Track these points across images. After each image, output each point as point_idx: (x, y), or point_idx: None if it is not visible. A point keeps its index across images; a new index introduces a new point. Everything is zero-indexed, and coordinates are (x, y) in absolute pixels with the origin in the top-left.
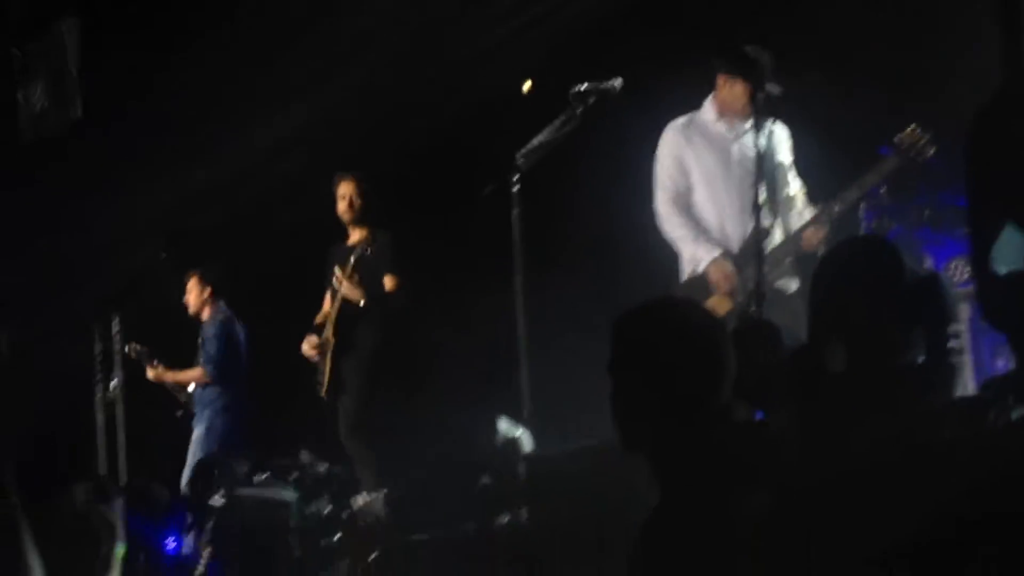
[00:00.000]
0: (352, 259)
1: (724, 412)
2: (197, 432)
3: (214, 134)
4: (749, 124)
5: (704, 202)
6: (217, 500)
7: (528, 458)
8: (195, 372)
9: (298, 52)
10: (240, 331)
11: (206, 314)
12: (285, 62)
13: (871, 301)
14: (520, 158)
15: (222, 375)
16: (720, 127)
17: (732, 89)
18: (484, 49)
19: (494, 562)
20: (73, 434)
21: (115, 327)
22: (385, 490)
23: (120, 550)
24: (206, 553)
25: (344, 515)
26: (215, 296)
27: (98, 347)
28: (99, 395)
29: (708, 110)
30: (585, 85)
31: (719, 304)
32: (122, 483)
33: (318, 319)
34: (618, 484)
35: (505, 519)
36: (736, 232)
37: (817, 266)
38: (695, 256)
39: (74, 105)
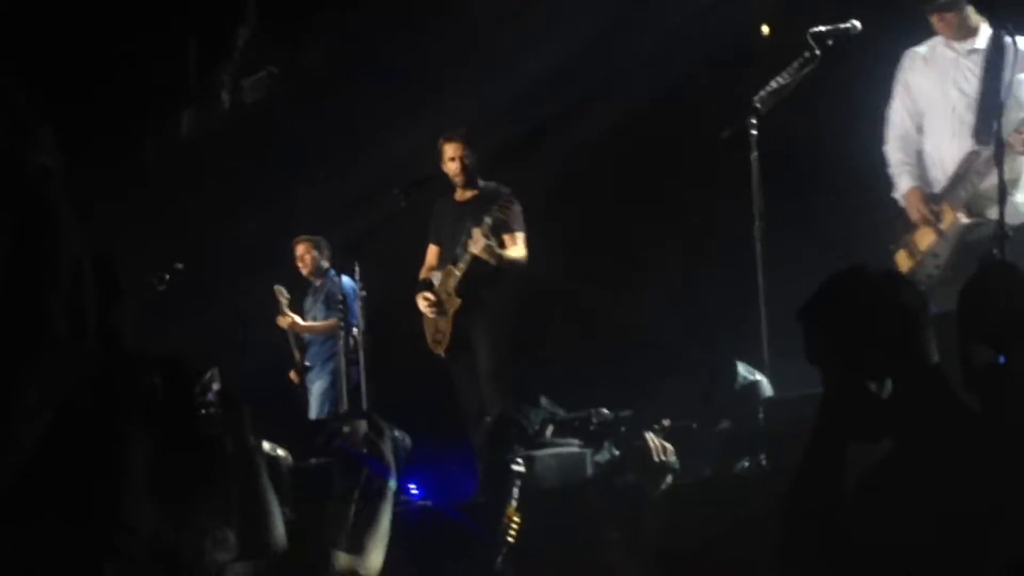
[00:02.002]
0: (489, 220)
1: (933, 366)
2: (318, 387)
3: (455, 86)
4: (975, 44)
5: (928, 132)
6: (518, 464)
7: (767, 402)
8: (331, 322)
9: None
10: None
11: (319, 276)
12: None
13: None
14: (757, 101)
15: (343, 328)
16: (944, 50)
17: (942, 16)
18: None
19: (734, 506)
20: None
21: (356, 274)
22: (668, 421)
23: (392, 486)
24: (516, 518)
25: (633, 454)
26: (327, 257)
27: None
28: (340, 341)
29: (937, 34)
30: (823, 27)
31: (921, 237)
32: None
33: (423, 274)
34: None
35: (744, 463)
36: (951, 160)
37: None
38: (899, 190)
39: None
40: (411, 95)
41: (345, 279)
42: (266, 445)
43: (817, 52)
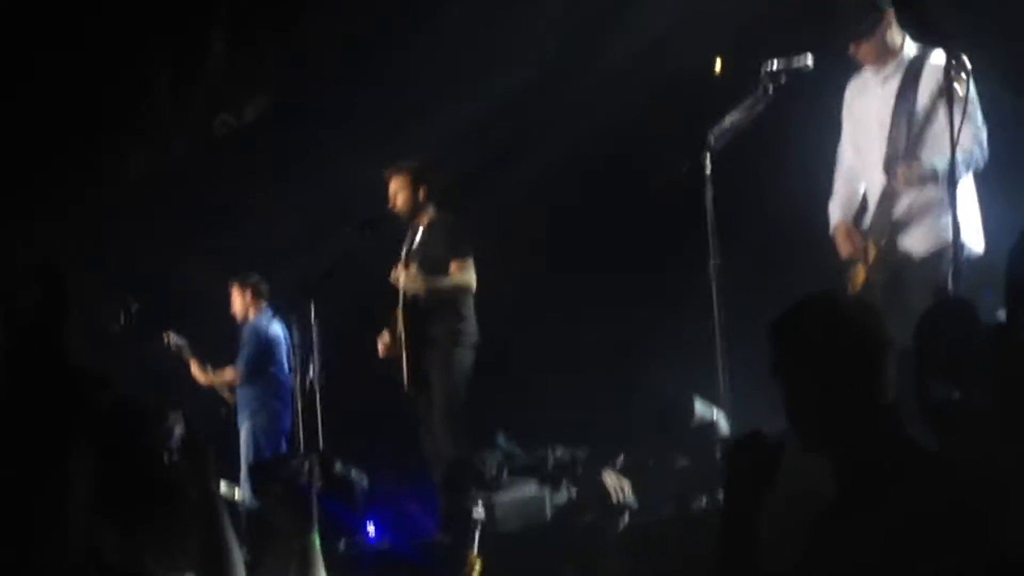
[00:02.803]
0: (404, 250)
1: (892, 401)
2: (243, 433)
3: (409, 117)
4: (893, 69)
5: (862, 165)
6: (479, 511)
7: (725, 440)
8: (230, 373)
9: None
10: (281, 332)
11: (250, 317)
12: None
13: None
14: (711, 138)
15: (256, 376)
16: (869, 77)
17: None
18: (672, 27)
19: (692, 545)
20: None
21: (312, 314)
22: (622, 457)
23: (315, 539)
24: (478, 565)
25: (591, 495)
26: (256, 299)
27: (296, 335)
28: (297, 382)
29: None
30: (776, 63)
31: (856, 274)
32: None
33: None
34: (817, 467)
35: (702, 502)
36: (873, 189)
37: (1018, 240)
38: (831, 228)
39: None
40: (366, 129)
41: (274, 324)
42: (224, 487)
43: (770, 88)
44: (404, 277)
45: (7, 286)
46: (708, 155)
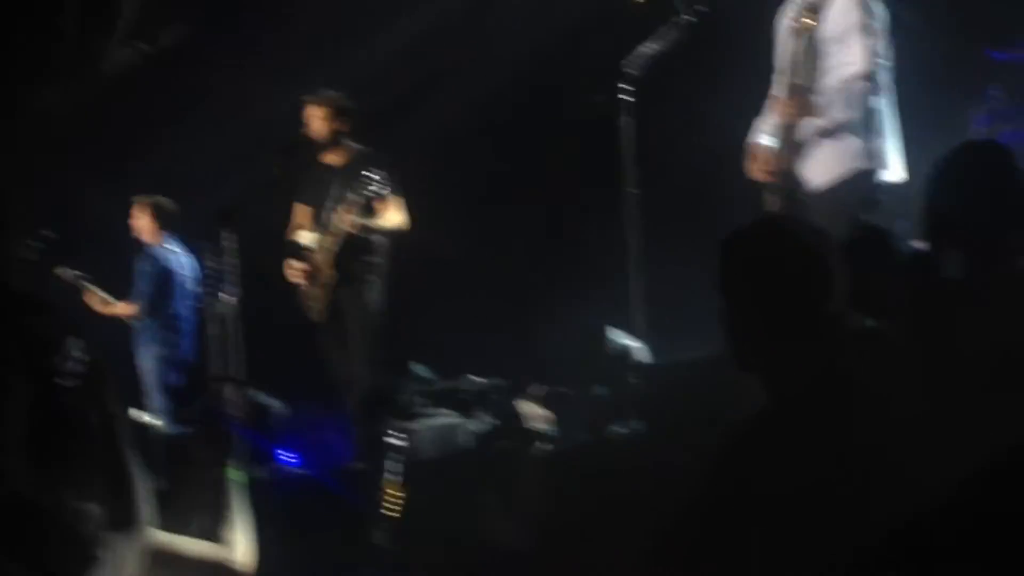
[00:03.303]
0: (353, 196)
1: (836, 324)
2: (145, 364)
3: (328, 48)
4: None
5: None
6: (396, 437)
7: (640, 367)
8: (126, 306)
9: None
10: (182, 262)
11: (150, 244)
12: None
13: (987, 206)
14: (627, 67)
15: (152, 310)
16: (787, 5)
17: None
18: None
19: (609, 472)
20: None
21: (226, 242)
22: (546, 388)
23: (240, 476)
24: (392, 491)
25: (509, 423)
26: (158, 224)
27: (210, 262)
28: (210, 311)
29: None
30: None
31: (770, 201)
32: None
33: (289, 234)
34: (734, 395)
35: (618, 428)
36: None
37: (931, 171)
38: None
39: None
40: (281, 61)
41: (172, 255)
42: (142, 415)
43: (685, 17)
44: (342, 220)
45: None
46: (624, 85)
